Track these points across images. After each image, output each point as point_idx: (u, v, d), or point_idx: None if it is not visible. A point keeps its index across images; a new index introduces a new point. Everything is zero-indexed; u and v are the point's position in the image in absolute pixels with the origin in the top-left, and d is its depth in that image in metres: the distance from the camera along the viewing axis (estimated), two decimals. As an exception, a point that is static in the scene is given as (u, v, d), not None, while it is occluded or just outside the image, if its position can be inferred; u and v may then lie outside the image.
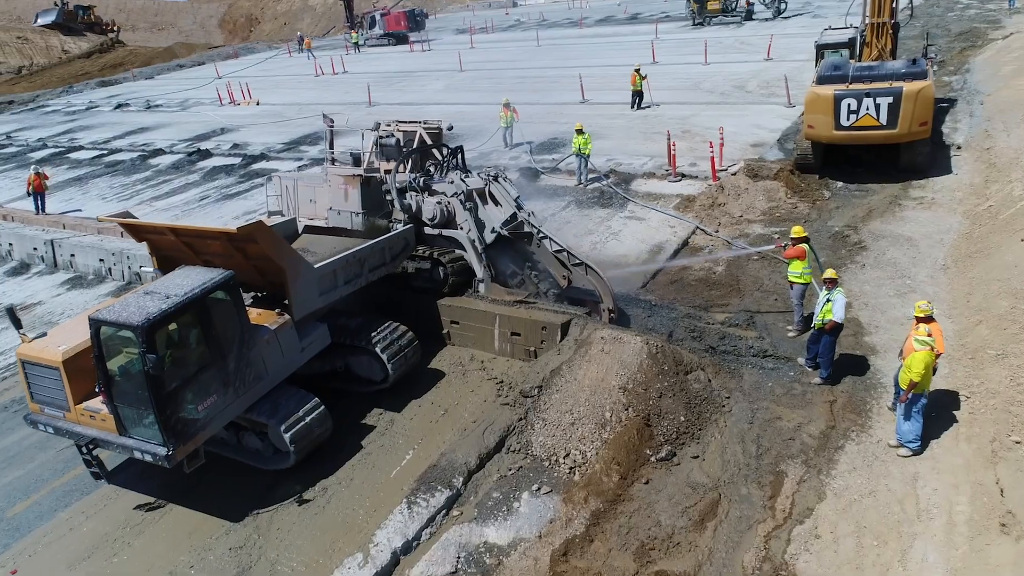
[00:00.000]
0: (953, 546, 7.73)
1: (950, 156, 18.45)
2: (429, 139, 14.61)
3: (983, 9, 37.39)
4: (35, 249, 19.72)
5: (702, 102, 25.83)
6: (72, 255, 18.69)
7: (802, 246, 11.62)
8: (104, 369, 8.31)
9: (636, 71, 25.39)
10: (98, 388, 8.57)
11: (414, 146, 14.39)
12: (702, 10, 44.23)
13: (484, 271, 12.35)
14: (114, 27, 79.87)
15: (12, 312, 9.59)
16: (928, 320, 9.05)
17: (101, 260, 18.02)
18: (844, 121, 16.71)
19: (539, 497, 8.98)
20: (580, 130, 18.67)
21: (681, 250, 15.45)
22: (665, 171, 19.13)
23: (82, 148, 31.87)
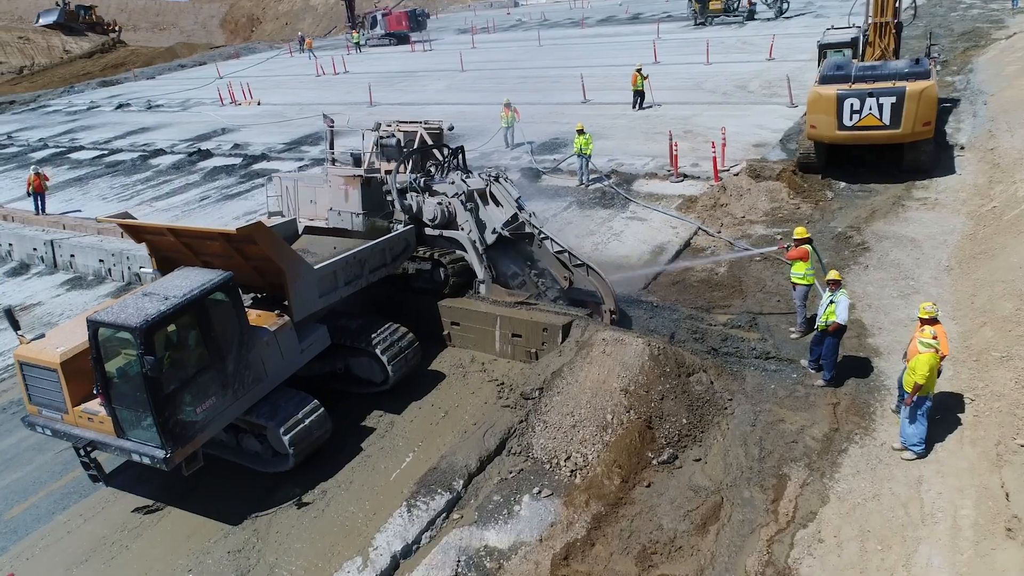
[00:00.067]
0: (958, 551, 7.66)
1: (953, 156, 18.38)
2: (430, 139, 14.59)
3: (986, 9, 37.28)
4: (35, 249, 19.71)
5: (704, 102, 25.77)
6: (72, 256, 18.68)
7: (805, 247, 11.55)
8: (102, 371, 8.27)
9: (637, 71, 25.34)
10: (96, 390, 8.53)
11: (415, 146, 14.37)
12: (704, 10, 44.21)
13: (485, 272, 12.30)
14: (115, 27, 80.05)
15: (10, 313, 9.55)
16: (932, 322, 8.98)
17: (101, 261, 18.00)
18: (847, 121, 16.65)
19: (540, 500, 8.92)
20: (581, 130, 18.61)
21: (683, 251, 15.39)
22: (667, 171, 19.07)
23: (83, 148, 31.89)
